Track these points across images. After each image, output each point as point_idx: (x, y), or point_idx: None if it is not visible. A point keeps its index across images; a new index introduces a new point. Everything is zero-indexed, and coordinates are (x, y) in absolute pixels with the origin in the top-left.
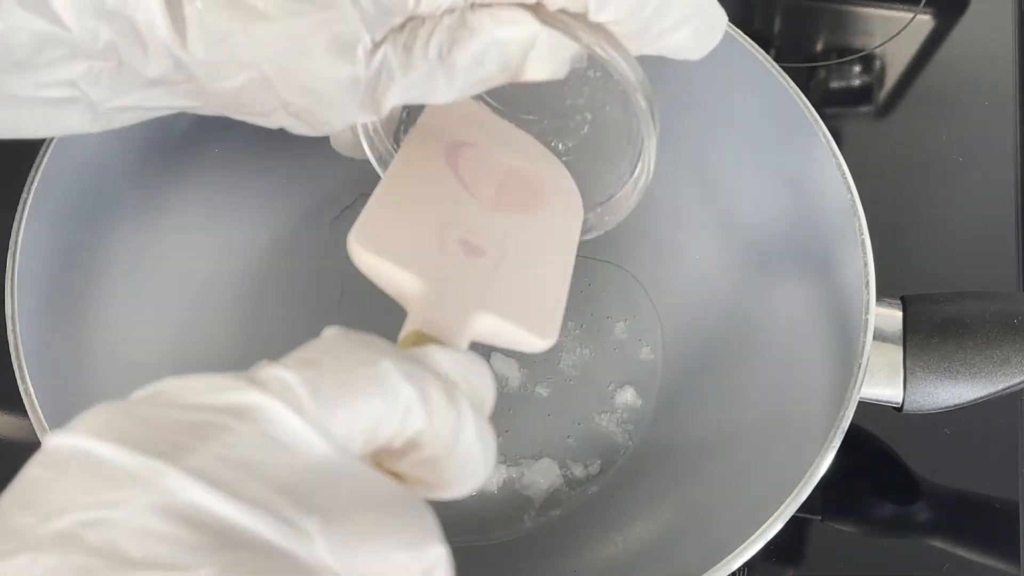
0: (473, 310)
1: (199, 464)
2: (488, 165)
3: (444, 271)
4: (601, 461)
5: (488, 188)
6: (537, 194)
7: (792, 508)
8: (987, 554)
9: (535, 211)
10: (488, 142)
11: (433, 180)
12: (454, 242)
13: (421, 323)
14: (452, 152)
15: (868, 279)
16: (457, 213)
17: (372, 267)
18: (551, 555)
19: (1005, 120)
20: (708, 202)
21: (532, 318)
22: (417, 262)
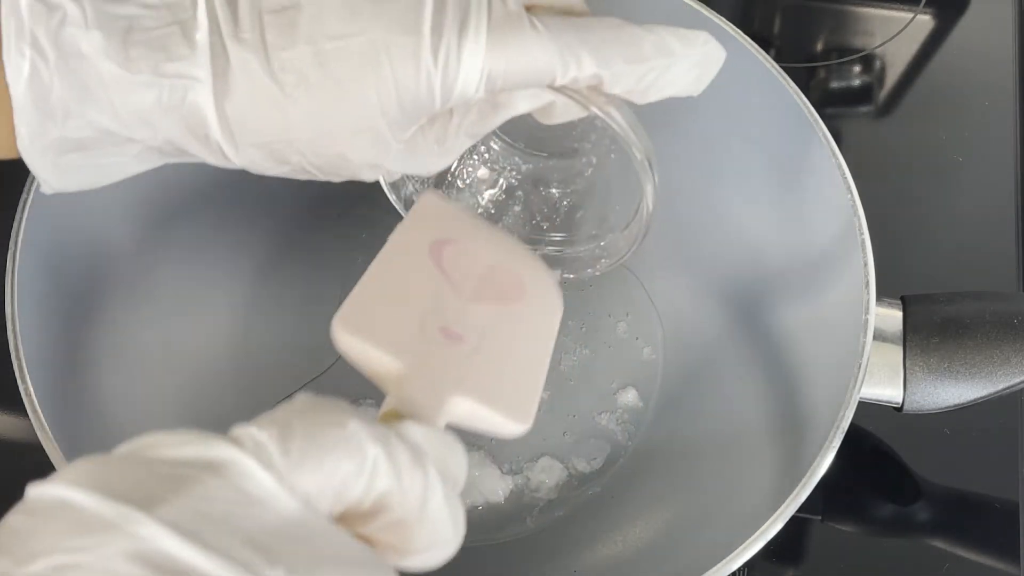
0: (450, 393)
1: (171, 514)
2: (470, 260)
3: (423, 355)
4: (602, 457)
5: (470, 282)
6: (517, 289)
7: (792, 508)
8: (987, 554)
9: (515, 304)
10: (472, 239)
11: (417, 272)
12: (434, 329)
13: (398, 402)
14: (436, 247)
15: (868, 279)
16: (438, 303)
17: (354, 349)
18: (551, 555)
19: (1005, 120)
20: (708, 202)
21: (507, 403)
22: (397, 345)
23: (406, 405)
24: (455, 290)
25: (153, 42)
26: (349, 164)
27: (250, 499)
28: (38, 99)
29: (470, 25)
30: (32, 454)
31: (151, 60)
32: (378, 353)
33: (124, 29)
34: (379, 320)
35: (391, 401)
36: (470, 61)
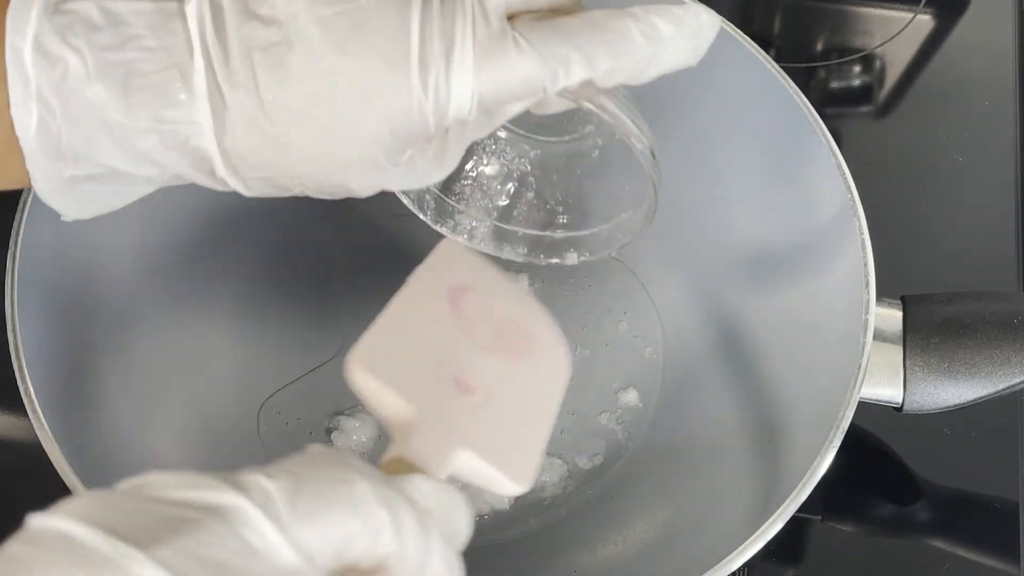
0: (456, 445)
1: (169, 556)
2: (486, 311)
3: (434, 403)
4: (603, 456)
5: (484, 332)
6: (528, 343)
7: (792, 508)
8: (987, 554)
9: (525, 359)
10: (489, 290)
11: (434, 317)
12: (447, 377)
13: (404, 449)
14: (454, 294)
15: (868, 279)
16: (453, 352)
17: (367, 387)
18: (552, 555)
19: (1005, 120)
20: (708, 202)
21: (509, 462)
22: (411, 389)
23: (412, 453)
24: (469, 339)
25: (153, 88)
26: (351, 189)
27: (250, 549)
28: (47, 146)
29: (455, 51)
30: (32, 454)
31: (151, 107)
32: (392, 396)
33: (124, 75)
34: (395, 362)
35: (397, 448)
36: (460, 87)
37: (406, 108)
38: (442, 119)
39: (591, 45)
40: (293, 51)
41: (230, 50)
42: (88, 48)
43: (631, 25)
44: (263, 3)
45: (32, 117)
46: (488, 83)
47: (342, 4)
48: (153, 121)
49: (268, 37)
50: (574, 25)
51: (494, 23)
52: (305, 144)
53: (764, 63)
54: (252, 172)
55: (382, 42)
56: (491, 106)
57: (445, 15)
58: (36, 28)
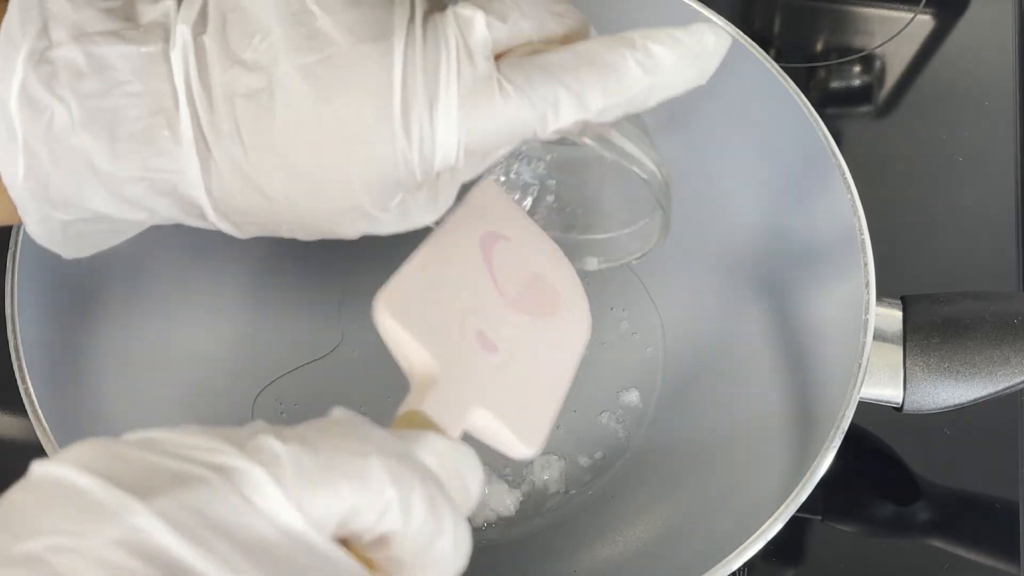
0: (474, 403)
1: (168, 507)
2: (518, 263)
3: (457, 358)
4: (603, 455)
5: (513, 286)
6: (554, 302)
7: (792, 508)
8: (987, 554)
9: (549, 318)
10: (521, 240)
11: (466, 264)
12: (472, 332)
13: (423, 405)
14: (488, 241)
15: (868, 279)
16: (481, 304)
17: (392, 333)
18: (551, 555)
19: (1005, 120)
20: (708, 201)
21: (523, 424)
22: (436, 342)
23: (429, 408)
24: (498, 291)
25: (139, 135)
26: (341, 234)
27: (254, 508)
28: (36, 193)
29: (439, 99)
30: (32, 454)
31: (139, 155)
32: (418, 347)
33: (110, 123)
34: (424, 309)
35: (415, 401)
36: (444, 135)
37: (390, 158)
38: (429, 168)
39: (581, 83)
40: (275, 99)
41: (214, 96)
42: (73, 96)
43: (627, 56)
44: (247, 47)
45: (19, 166)
46: (474, 130)
47: (324, 51)
48: (140, 170)
49: (251, 84)
50: (564, 62)
51: (480, 64)
52: (289, 193)
53: (764, 63)
54: (241, 217)
55: (364, 91)
56: (479, 151)
57: (428, 57)
58: (22, 77)
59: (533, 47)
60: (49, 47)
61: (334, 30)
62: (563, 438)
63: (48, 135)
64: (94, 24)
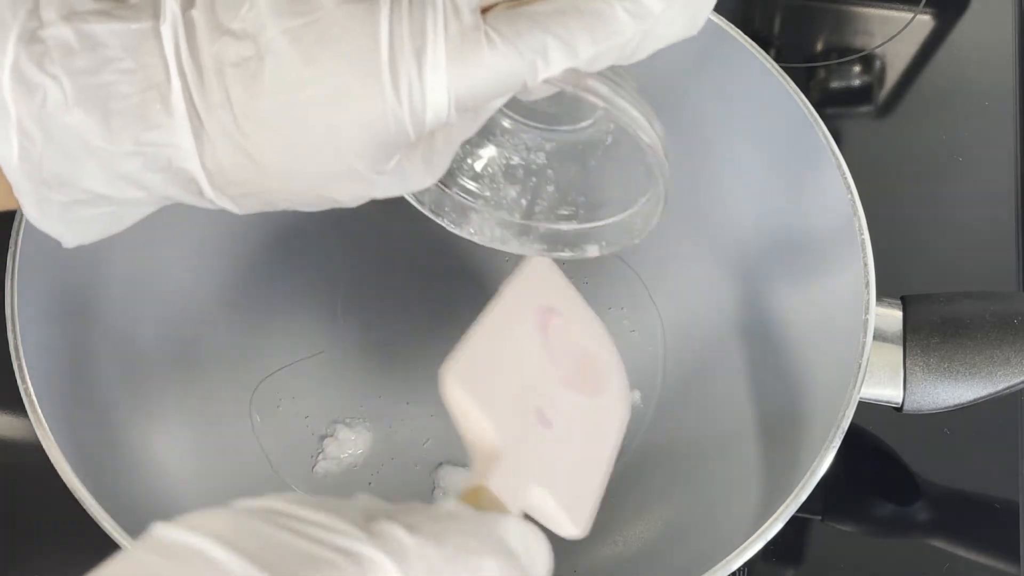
0: (534, 482)
1: None
2: (571, 340)
3: (519, 435)
4: None
5: (568, 363)
6: (601, 380)
7: (792, 508)
8: (987, 554)
9: (595, 398)
10: (573, 316)
11: (525, 340)
12: (532, 409)
13: (488, 480)
14: (543, 316)
15: (868, 279)
16: (539, 380)
17: (460, 405)
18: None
19: (1005, 120)
20: (708, 202)
21: (575, 505)
22: (501, 418)
23: (495, 484)
24: (554, 368)
25: (132, 110)
26: (338, 200)
27: None
28: (31, 174)
29: (427, 54)
30: (32, 454)
31: (132, 130)
32: (482, 419)
33: (103, 99)
34: (489, 383)
35: (479, 477)
36: (434, 90)
37: (381, 116)
38: (420, 125)
39: (569, 31)
40: (264, 65)
41: (204, 68)
42: (65, 74)
43: (614, 3)
44: (234, 16)
45: (13, 146)
46: (463, 83)
47: (310, 14)
48: (135, 144)
49: (240, 52)
50: (551, 10)
51: (466, 17)
52: (283, 158)
53: (764, 63)
54: (237, 189)
55: (351, 49)
56: (470, 105)
57: (414, 14)
58: (13, 57)
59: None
60: (40, 27)
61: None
62: None
63: (41, 114)
64: (84, 3)
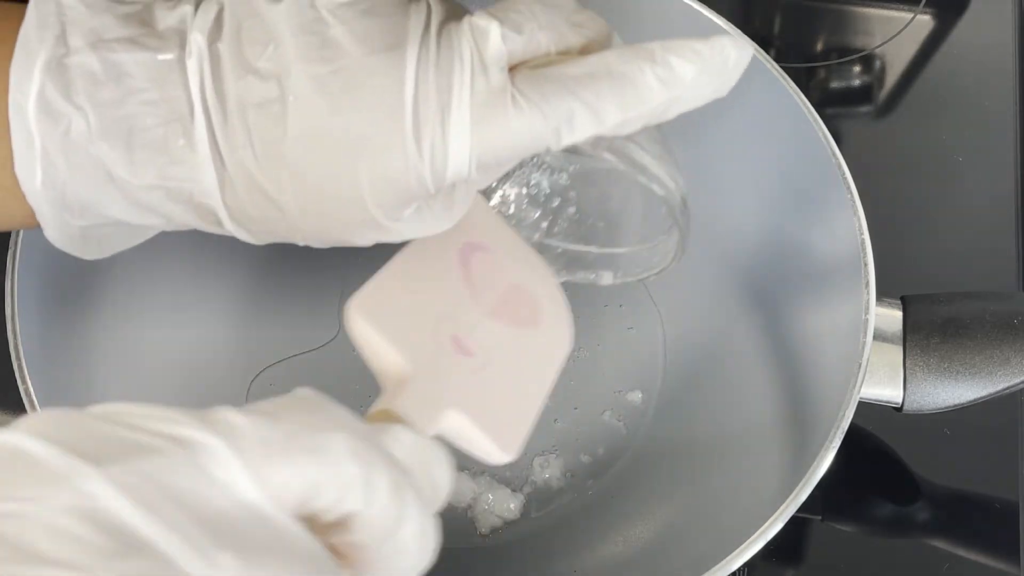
0: (447, 405)
1: (122, 475)
2: (497, 273)
3: (430, 360)
4: (603, 454)
5: (491, 296)
6: (534, 314)
7: (792, 508)
8: (987, 554)
9: (529, 328)
10: (503, 252)
11: (442, 273)
12: (446, 336)
13: (394, 404)
14: (466, 251)
15: (868, 279)
16: (456, 311)
17: (364, 336)
18: (551, 555)
19: (1005, 120)
20: (707, 202)
21: (498, 429)
22: (408, 344)
23: (400, 408)
24: (475, 300)
25: (156, 143)
26: (355, 243)
27: (212, 481)
28: (53, 201)
29: (452, 113)
30: None
31: (155, 164)
32: (388, 348)
33: (127, 132)
34: (396, 314)
35: (386, 400)
36: (457, 149)
37: (402, 170)
38: (440, 180)
39: (598, 97)
40: (287, 110)
41: (228, 105)
42: (90, 105)
43: (646, 69)
44: (260, 54)
45: (37, 173)
46: (486, 144)
47: (336, 61)
48: (157, 178)
49: (264, 93)
50: (580, 74)
51: (494, 77)
52: (301, 204)
53: (764, 63)
54: (256, 226)
55: (376, 101)
56: (491, 164)
57: (441, 70)
58: (39, 85)
59: (550, 58)
60: (67, 54)
61: (347, 39)
62: (564, 435)
63: (65, 143)
64: (111, 30)
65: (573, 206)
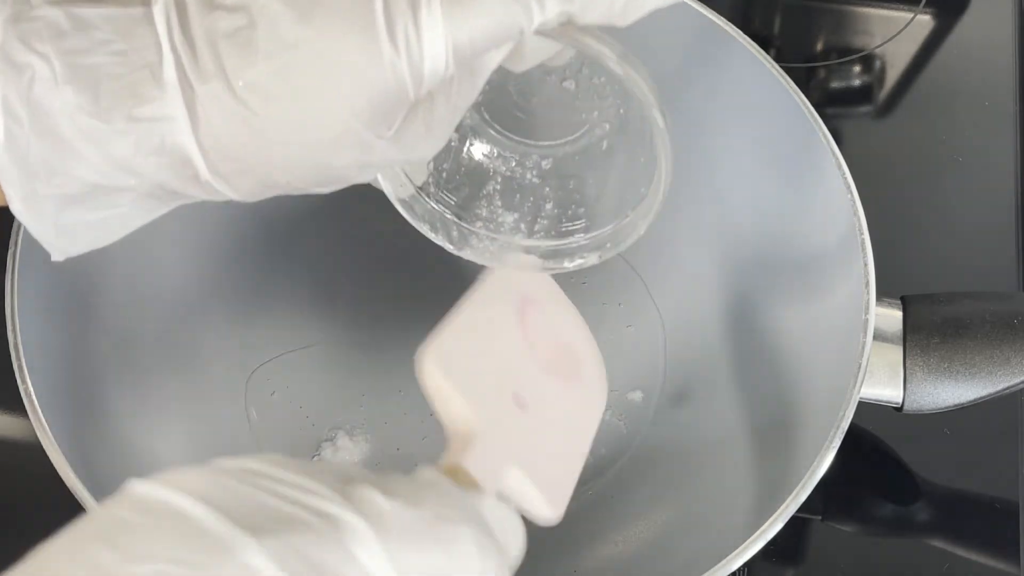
0: (510, 463)
1: (279, 549)
2: (550, 329)
3: (495, 416)
4: (604, 454)
5: (546, 350)
6: (577, 369)
7: (792, 508)
8: (987, 554)
9: (574, 383)
10: (552, 307)
11: (505, 326)
12: (508, 391)
13: (465, 460)
14: (523, 305)
15: (868, 279)
16: (517, 366)
17: (437, 387)
18: (552, 555)
19: (1005, 120)
20: (708, 202)
21: (551, 487)
22: (477, 399)
23: (472, 466)
24: (532, 355)
25: (124, 89)
26: (337, 170)
27: (354, 561)
28: (18, 160)
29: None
30: (32, 454)
31: (123, 107)
32: (461, 401)
33: (94, 80)
34: (466, 366)
35: (456, 455)
36: (431, 38)
37: (378, 70)
38: (419, 78)
39: None
40: (257, 30)
41: (196, 42)
42: (55, 53)
43: None
44: None
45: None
46: (461, 30)
47: None
48: (126, 121)
49: (232, 23)
50: None
51: None
52: (280, 123)
53: (764, 63)
54: (233, 165)
55: (345, 4)
56: (468, 55)
57: None
58: (2, 37)
59: None
60: (29, 9)
61: None
62: None
63: (29, 93)
64: None
65: (550, 202)
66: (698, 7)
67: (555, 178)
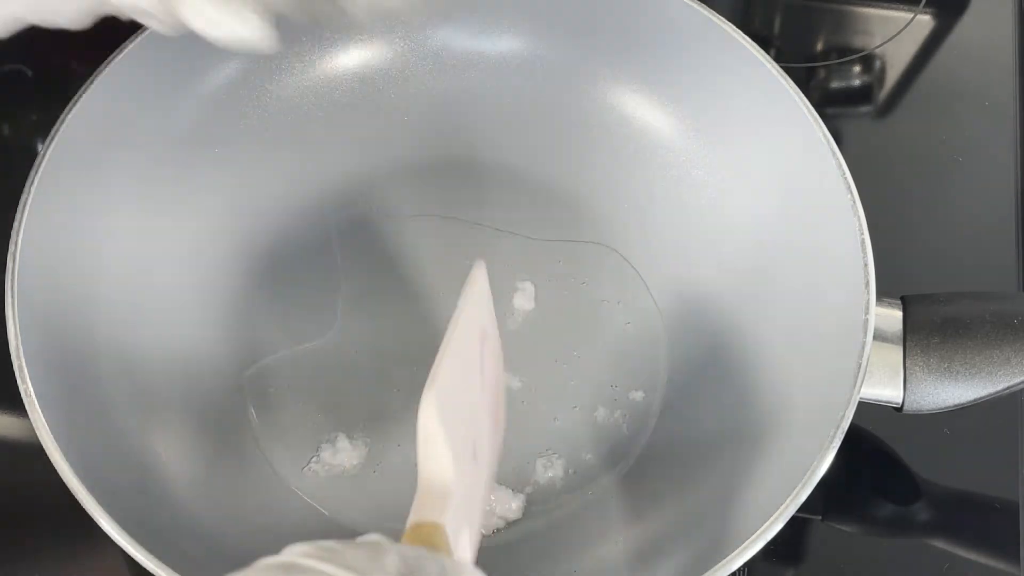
0: (470, 523)
1: None
2: (495, 364)
3: (463, 472)
4: (604, 454)
5: (491, 391)
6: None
7: (792, 508)
8: (987, 554)
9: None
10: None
11: (472, 366)
12: (471, 443)
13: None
14: (482, 341)
15: (868, 279)
16: (475, 412)
17: (431, 434)
18: (551, 555)
19: (1005, 120)
20: (707, 202)
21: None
22: (456, 454)
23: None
24: (484, 398)
25: None
26: None
27: None
28: None
29: None
30: (32, 454)
31: None
32: (446, 455)
33: None
34: (451, 416)
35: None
36: None
37: None
38: None
39: None
40: None
41: None
42: None
43: None
44: None
45: None
46: None
47: None
48: None
49: None
50: None
51: None
52: None
53: (764, 63)
54: None
55: None
56: None
57: None
58: None
59: None
60: None
61: None
62: (566, 435)
63: None
64: None
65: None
66: (698, 7)
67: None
